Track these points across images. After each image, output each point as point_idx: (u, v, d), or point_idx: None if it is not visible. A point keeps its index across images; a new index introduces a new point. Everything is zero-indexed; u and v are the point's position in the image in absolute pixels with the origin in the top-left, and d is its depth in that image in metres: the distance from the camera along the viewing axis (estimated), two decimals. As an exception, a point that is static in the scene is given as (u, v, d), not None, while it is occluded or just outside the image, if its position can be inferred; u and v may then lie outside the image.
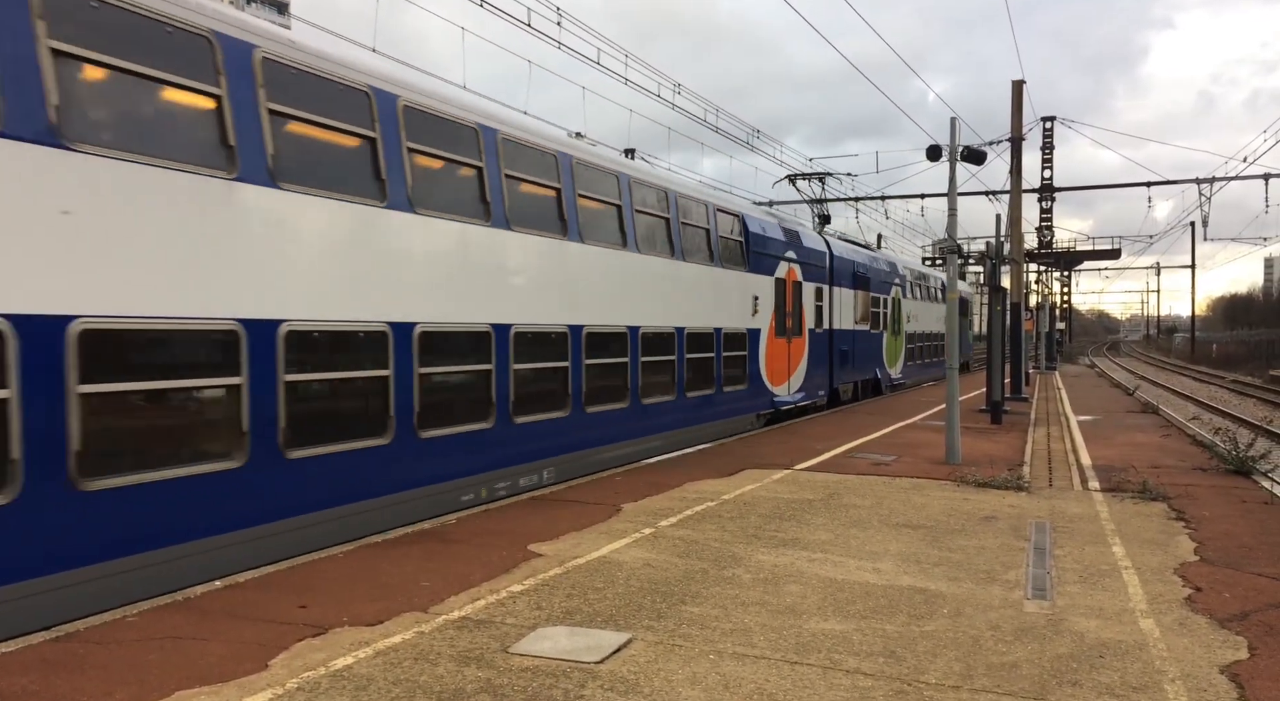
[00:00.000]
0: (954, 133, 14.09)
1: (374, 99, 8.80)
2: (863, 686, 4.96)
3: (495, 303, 10.37)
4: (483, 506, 9.78)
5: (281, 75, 7.84)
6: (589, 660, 5.27)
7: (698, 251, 15.25)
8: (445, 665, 5.18)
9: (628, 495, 10.42)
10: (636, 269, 13.36)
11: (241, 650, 5.38)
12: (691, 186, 16.34)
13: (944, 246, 14.98)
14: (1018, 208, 27.29)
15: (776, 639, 5.69)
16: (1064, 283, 66.67)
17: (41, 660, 5.21)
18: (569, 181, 11.71)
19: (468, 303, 10.01)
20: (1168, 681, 5.08)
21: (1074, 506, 10.18)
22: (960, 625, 6.01)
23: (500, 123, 10.74)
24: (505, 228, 10.46)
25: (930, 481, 11.72)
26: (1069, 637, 5.79)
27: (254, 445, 7.40)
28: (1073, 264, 61.59)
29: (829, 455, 13.96)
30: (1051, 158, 48.48)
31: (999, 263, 21.51)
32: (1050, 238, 51.20)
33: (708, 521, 9.09)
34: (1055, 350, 52.34)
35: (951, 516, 9.51)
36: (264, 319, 7.56)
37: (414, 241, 9.24)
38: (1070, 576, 7.24)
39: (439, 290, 9.58)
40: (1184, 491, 11.00)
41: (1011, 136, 26.51)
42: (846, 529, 8.85)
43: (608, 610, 6.22)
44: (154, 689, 4.80)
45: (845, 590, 6.78)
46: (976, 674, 5.16)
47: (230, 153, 7.35)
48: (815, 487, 11.14)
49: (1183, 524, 9.26)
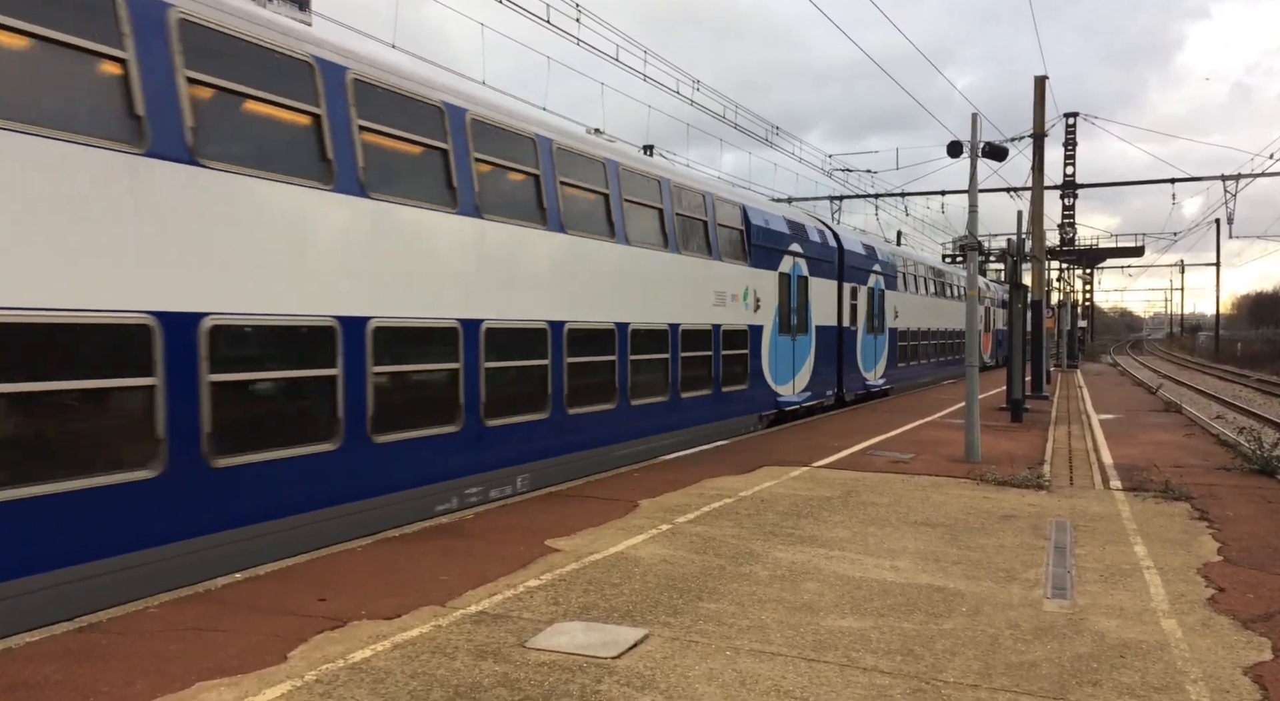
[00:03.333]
0: (975, 129, 13.99)
1: (446, 114, 9.28)
2: (880, 684, 4.94)
3: (543, 300, 10.88)
4: (500, 502, 9.81)
5: (369, 94, 8.38)
6: (605, 655, 5.28)
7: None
8: (462, 659, 5.20)
9: (645, 491, 10.42)
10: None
11: (261, 642, 5.43)
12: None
13: (965, 243, 14.87)
14: (1040, 204, 27.06)
15: (793, 636, 5.68)
16: (1086, 280, 66.07)
17: (65, 650, 5.27)
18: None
19: (525, 301, 10.47)
20: (1190, 682, 5.03)
21: (1095, 505, 10.09)
22: (979, 623, 5.97)
23: (554, 132, 11.20)
24: (560, 230, 11.03)
25: (949, 479, 11.65)
26: (1089, 637, 5.74)
27: (347, 430, 8.01)
28: (1095, 261, 61.08)
29: (847, 452, 13.91)
30: (1074, 154, 48.06)
31: (1020, 260, 21.34)
32: (1073, 234, 50.74)
33: (725, 518, 9.08)
34: (1077, 348, 51.94)
35: (970, 515, 9.46)
36: (355, 316, 8.14)
37: (479, 243, 9.68)
38: (1091, 575, 7.18)
39: (501, 289, 10.09)
40: (1207, 491, 10.88)
41: (1034, 132, 26.29)
42: (864, 526, 8.81)
43: (624, 606, 6.22)
44: (175, 679, 4.84)
45: (863, 588, 6.75)
46: (995, 672, 5.13)
47: (328, 166, 7.92)
48: (833, 485, 11.10)
49: (1206, 524, 9.16)
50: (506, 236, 10.37)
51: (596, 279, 12.11)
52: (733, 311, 15.77)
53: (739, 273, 16.06)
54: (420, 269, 9.14)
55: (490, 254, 10.12)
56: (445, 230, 9.47)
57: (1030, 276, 26.06)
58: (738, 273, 16.01)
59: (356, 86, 8.46)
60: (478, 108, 10.10)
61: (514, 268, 10.55)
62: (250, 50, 7.48)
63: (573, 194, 11.69)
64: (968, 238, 14.68)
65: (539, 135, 11.06)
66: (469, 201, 9.73)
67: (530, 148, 10.85)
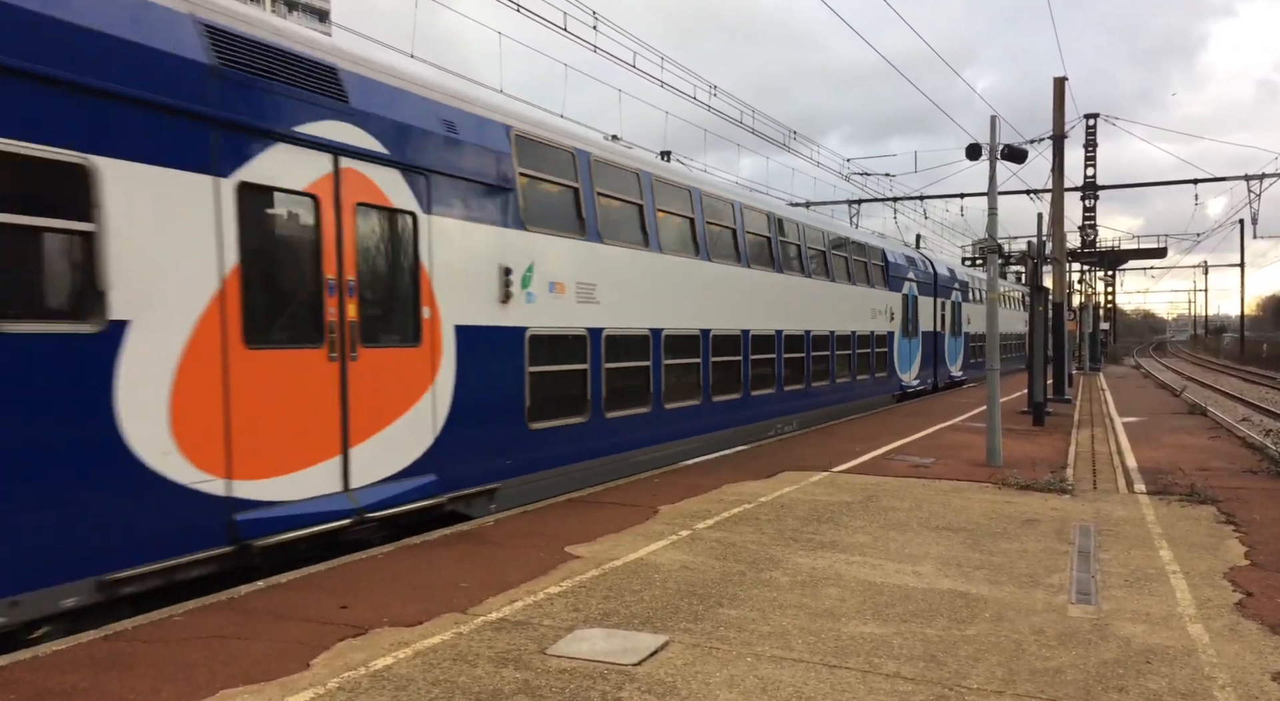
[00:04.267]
0: (994, 131, 13.92)
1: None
2: (903, 691, 4.91)
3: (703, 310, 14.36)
4: (520, 507, 9.84)
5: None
6: (626, 662, 5.28)
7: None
8: (483, 666, 5.22)
9: (665, 497, 10.41)
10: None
11: (284, 649, 5.46)
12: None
13: (984, 246, 14.79)
14: (1060, 206, 26.88)
15: (815, 642, 5.65)
16: (1108, 282, 65.51)
17: (91, 658, 5.32)
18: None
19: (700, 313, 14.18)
20: (1218, 688, 4.97)
21: (1119, 509, 10.00)
22: (1002, 629, 5.92)
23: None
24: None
25: (971, 484, 11.57)
26: (1115, 643, 5.68)
27: (592, 408, 11.34)
28: (1117, 263, 60.45)
29: (867, 457, 13.85)
30: (1094, 155, 47.71)
31: (1041, 262, 21.20)
32: (1094, 236, 50.33)
33: (745, 524, 9.06)
34: (1099, 350, 51.46)
35: (993, 519, 9.39)
36: (595, 327, 11.43)
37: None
38: (1116, 580, 7.11)
39: (675, 302, 13.46)
40: (1234, 494, 10.75)
41: (1053, 134, 26.11)
42: (885, 531, 8.77)
43: (645, 612, 6.22)
44: (200, 687, 4.89)
45: (884, 593, 6.72)
46: (1019, 679, 5.09)
47: (582, 223, 11.37)
48: (854, 490, 11.06)
49: (1232, 527, 9.05)
50: (677, 264, 13.62)
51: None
52: (880, 322, 22.87)
53: (883, 295, 23.21)
54: (627, 291, 12.25)
55: (665, 278, 13.36)
56: (639, 262, 12.70)
57: (1051, 279, 25.97)
58: (882, 295, 23.17)
59: (594, 164, 11.68)
60: (657, 170, 13.58)
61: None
62: (547, 149, 10.90)
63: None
64: (987, 240, 14.59)
65: (692, 186, 14.48)
66: (656, 241, 13.07)
67: (687, 197, 14.14)
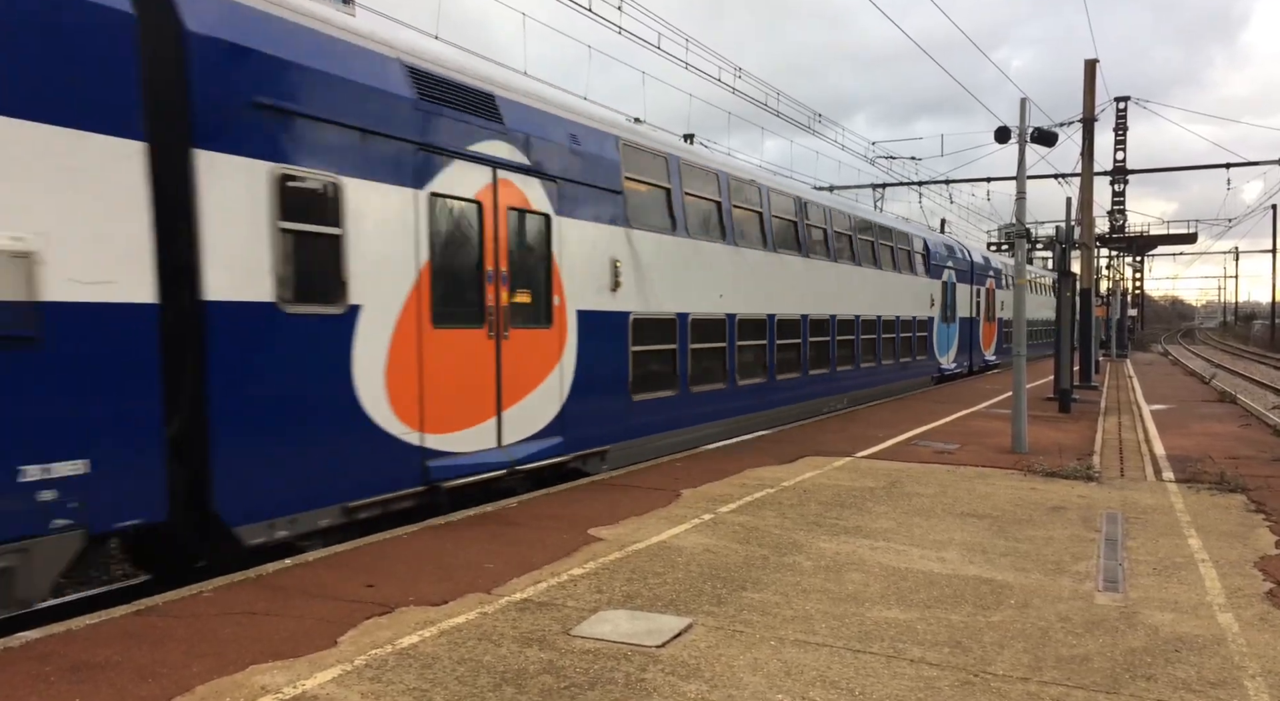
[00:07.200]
0: (1024, 114, 13.73)
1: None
2: (928, 676, 4.89)
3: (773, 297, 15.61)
4: (543, 491, 9.88)
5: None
6: (650, 644, 5.30)
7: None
8: (508, 646, 5.25)
9: (687, 481, 10.42)
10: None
11: (312, 626, 5.53)
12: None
13: (1012, 231, 14.63)
14: (1089, 191, 26.53)
15: (839, 626, 5.65)
16: (1136, 268, 64.70)
17: (124, 632, 5.41)
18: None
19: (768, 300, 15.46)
20: (1248, 677, 4.92)
21: (1147, 497, 9.90)
22: (1028, 616, 5.89)
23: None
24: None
25: (996, 470, 11.50)
26: (1143, 631, 5.64)
27: (680, 383, 12.84)
28: (1146, 249, 59.71)
29: (890, 443, 13.79)
30: (1124, 139, 47.02)
31: (1069, 248, 20.95)
32: (1123, 222, 49.69)
33: (768, 508, 9.06)
34: (1127, 337, 50.88)
35: (1018, 506, 9.33)
36: (683, 312, 12.83)
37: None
38: (1144, 569, 7.05)
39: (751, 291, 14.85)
40: (1264, 483, 10.62)
41: (1083, 117, 25.76)
42: (909, 517, 8.73)
43: (668, 595, 6.23)
44: (230, 661, 4.95)
45: (908, 579, 6.69)
46: (1046, 666, 5.06)
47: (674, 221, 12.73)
48: (877, 475, 11.02)
49: (1263, 516, 8.94)
50: (757, 258, 15.06)
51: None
52: (922, 307, 24.20)
53: (925, 283, 24.55)
54: (707, 281, 13.53)
55: (739, 269, 14.51)
56: (719, 255, 13.90)
57: (1079, 264, 25.76)
58: (924, 283, 24.48)
59: (683, 167, 13.08)
60: (734, 171, 14.80)
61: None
62: (645, 156, 12.21)
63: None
64: (1014, 225, 14.43)
65: (761, 183, 15.64)
66: (732, 236, 14.33)
67: (756, 193, 15.29)
